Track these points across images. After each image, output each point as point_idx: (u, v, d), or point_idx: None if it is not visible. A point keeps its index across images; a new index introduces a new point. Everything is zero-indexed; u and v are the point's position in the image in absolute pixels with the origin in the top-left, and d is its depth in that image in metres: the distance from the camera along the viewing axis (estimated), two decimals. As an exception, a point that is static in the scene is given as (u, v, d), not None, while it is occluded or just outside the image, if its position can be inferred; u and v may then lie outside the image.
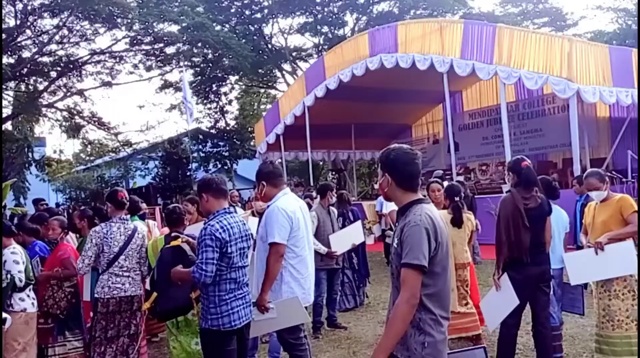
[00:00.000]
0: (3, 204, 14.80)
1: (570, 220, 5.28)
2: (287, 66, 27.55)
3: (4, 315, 4.19)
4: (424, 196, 2.78)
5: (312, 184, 17.63)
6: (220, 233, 3.55)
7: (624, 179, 12.32)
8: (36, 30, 18.94)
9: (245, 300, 3.75)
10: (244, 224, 3.83)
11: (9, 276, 4.39)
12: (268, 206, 4.26)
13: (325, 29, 26.35)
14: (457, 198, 5.35)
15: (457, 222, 5.27)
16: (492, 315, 4.46)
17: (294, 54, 27.39)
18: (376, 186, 18.32)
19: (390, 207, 5.92)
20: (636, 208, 4.55)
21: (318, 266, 6.30)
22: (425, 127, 20.80)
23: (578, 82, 10.60)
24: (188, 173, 23.41)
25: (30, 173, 23.33)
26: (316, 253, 5.60)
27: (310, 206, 8.16)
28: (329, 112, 16.40)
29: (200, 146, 26.37)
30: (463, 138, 17.62)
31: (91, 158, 27.80)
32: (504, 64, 11.29)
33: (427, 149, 20.43)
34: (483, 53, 11.63)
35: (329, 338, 6.19)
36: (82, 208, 7.94)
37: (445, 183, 6.13)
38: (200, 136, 26.25)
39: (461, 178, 12.98)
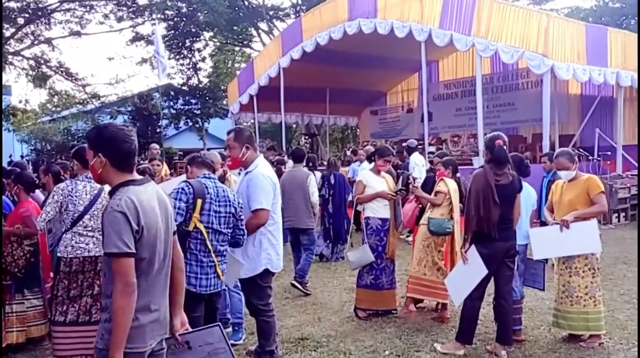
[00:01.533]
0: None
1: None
2: (263, 25, 26.94)
3: None
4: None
5: (284, 148, 17.51)
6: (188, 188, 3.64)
7: (590, 157, 12.59)
8: (2, -27, 18.04)
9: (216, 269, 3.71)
10: (224, 190, 3.82)
11: None
12: (248, 172, 4.21)
13: (305, -13, 25.75)
14: (458, 174, 5.67)
15: (462, 197, 5.40)
16: (458, 289, 4.54)
17: (271, 12, 26.76)
18: (348, 153, 18.36)
19: (364, 176, 5.88)
20: (602, 189, 4.66)
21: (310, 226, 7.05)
22: (400, 96, 20.78)
23: (553, 58, 10.67)
24: (158, 130, 22.92)
25: (-6, 122, 22.54)
26: None
27: (281, 173, 8.33)
28: (304, 75, 16.20)
29: (171, 103, 25.74)
30: (437, 108, 17.66)
31: (58, 109, 26.94)
32: (482, 36, 11.26)
33: (400, 117, 20.49)
34: (462, 24, 11.56)
35: (295, 303, 6.25)
36: (47, 163, 7.72)
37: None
38: (172, 93, 25.62)
39: (433, 149, 13.07)
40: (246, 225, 3.99)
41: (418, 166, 9.84)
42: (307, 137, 23.57)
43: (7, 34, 20.07)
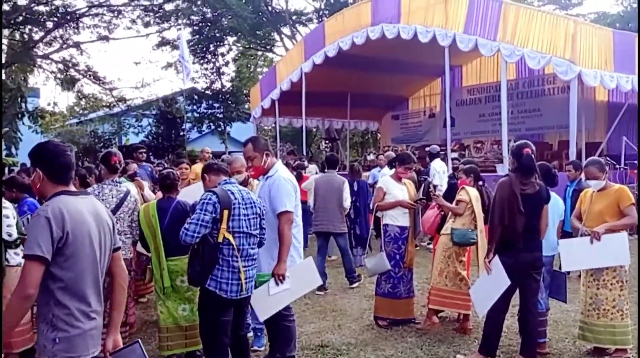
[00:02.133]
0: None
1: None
2: (286, 30, 27.06)
3: None
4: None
5: (304, 153, 17.53)
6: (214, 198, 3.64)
7: (617, 166, 12.35)
8: (32, -22, 18.44)
9: (248, 274, 3.76)
10: (247, 192, 3.88)
11: None
12: (268, 177, 4.26)
13: (327, -8, 25.78)
14: (480, 182, 5.56)
15: (485, 205, 5.34)
16: (482, 300, 4.47)
17: (294, 17, 26.85)
18: (369, 157, 18.32)
19: (384, 182, 5.85)
20: (633, 201, 4.57)
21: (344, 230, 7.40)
22: (422, 101, 20.67)
23: (580, 64, 10.51)
24: (181, 133, 23.21)
25: (23, 123, 22.98)
26: None
27: (301, 178, 8.35)
28: (326, 80, 16.20)
29: (194, 106, 26.04)
30: (460, 113, 17.51)
31: (85, 112, 27.43)
32: (508, 41, 11.13)
33: (422, 122, 20.36)
34: (487, 29, 11.45)
35: (315, 309, 6.23)
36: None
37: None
38: (195, 96, 25.91)
39: (455, 155, 12.97)
40: (279, 231, 4.07)
41: (439, 173, 9.74)
42: (327, 141, 23.59)
43: (36, 37, 20.48)
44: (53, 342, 2.37)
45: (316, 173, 10.32)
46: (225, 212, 3.61)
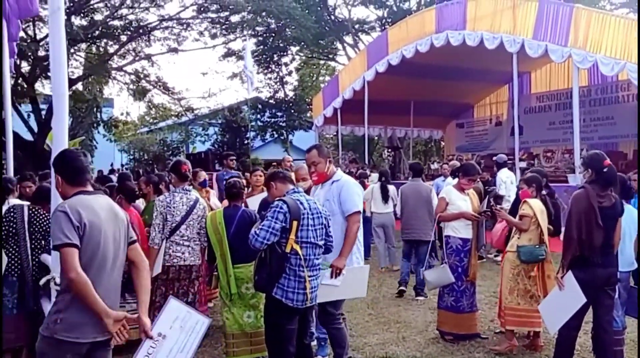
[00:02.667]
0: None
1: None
2: (348, 39, 27.23)
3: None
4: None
5: (366, 161, 17.48)
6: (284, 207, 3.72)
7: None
8: (108, -6, 19.46)
9: (313, 284, 3.82)
10: (314, 202, 3.95)
11: None
12: (334, 181, 4.42)
13: (391, 1, 25.74)
14: (543, 191, 5.34)
15: (550, 216, 5.17)
16: (554, 316, 4.28)
17: (356, 26, 26.98)
18: (433, 166, 18.06)
19: (447, 193, 5.72)
20: None
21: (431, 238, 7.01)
22: (488, 108, 20.21)
23: (658, 70, 9.96)
24: (245, 141, 23.76)
25: (98, 132, 24.23)
26: None
27: (365, 187, 8.34)
28: (388, 88, 16.16)
29: (258, 115, 26.63)
30: (528, 121, 16.97)
31: (155, 121, 28.60)
32: (579, 47, 10.74)
33: (488, 131, 19.89)
34: (557, 34, 11.10)
35: (379, 320, 6.19)
36: (147, 174, 8.20)
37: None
38: (259, 106, 26.49)
39: (523, 164, 12.58)
40: (347, 229, 4.21)
41: (505, 183, 9.44)
42: (389, 150, 23.44)
43: (110, 50, 21.58)
44: (55, 322, 2.58)
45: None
46: (295, 223, 3.67)
